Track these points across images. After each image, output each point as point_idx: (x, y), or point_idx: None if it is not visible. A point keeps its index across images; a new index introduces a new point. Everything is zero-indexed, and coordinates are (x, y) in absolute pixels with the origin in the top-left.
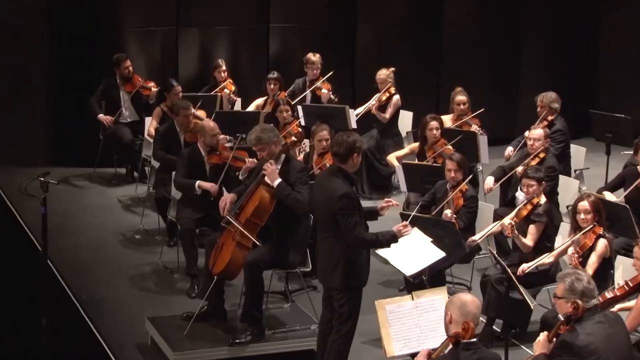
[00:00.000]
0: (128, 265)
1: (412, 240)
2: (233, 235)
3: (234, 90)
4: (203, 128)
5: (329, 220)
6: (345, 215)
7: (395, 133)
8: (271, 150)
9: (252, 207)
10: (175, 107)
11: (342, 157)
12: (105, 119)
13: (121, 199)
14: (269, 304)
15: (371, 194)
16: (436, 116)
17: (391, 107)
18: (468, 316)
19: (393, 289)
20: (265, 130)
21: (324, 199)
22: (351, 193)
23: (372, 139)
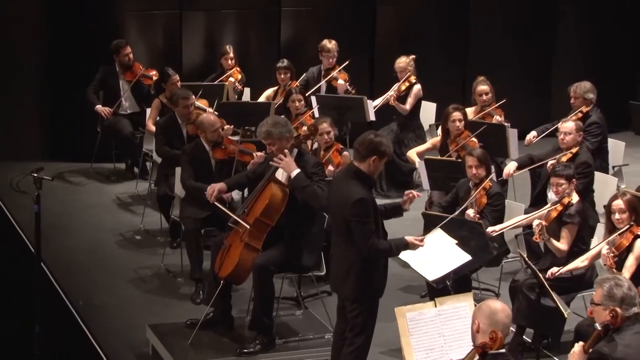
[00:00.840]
0: (128, 268)
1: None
2: (241, 236)
3: (240, 79)
4: (202, 123)
5: (342, 224)
6: (359, 223)
7: (417, 126)
8: (282, 145)
9: (262, 206)
10: (174, 97)
11: (361, 156)
12: (103, 111)
13: (120, 196)
14: (280, 311)
15: (390, 191)
16: (459, 107)
17: (411, 98)
18: (497, 325)
19: (414, 295)
20: (277, 124)
21: (338, 202)
22: (366, 199)
23: (392, 132)
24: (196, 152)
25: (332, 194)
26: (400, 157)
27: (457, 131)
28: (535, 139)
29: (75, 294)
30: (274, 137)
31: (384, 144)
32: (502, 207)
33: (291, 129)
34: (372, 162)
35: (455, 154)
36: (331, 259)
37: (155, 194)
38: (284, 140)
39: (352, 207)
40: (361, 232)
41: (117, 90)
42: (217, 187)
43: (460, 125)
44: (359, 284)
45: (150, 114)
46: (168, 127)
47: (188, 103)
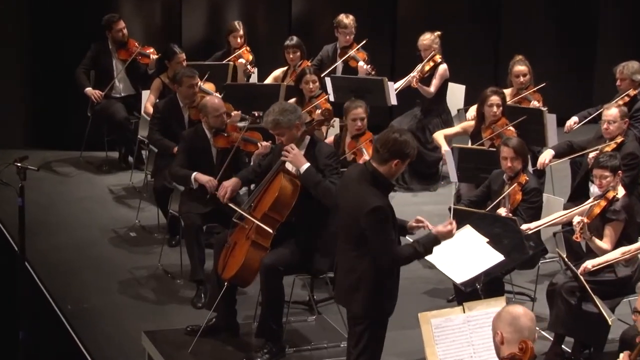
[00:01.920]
0: (121, 268)
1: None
2: (247, 233)
3: (251, 60)
4: (205, 106)
5: (352, 231)
6: (377, 233)
7: (443, 110)
8: (291, 135)
9: (271, 199)
10: (178, 76)
11: (382, 158)
12: (93, 94)
13: (113, 188)
14: (290, 316)
15: (412, 183)
16: (498, 90)
17: (436, 79)
18: (523, 332)
19: (440, 299)
20: (285, 111)
21: (349, 207)
22: (384, 207)
23: (415, 118)
24: (195, 139)
25: (343, 195)
26: (425, 146)
27: (493, 117)
28: (576, 126)
29: (63, 298)
30: (283, 126)
31: (410, 145)
32: (539, 204)
33: (301, 114)
34: (395, 165)
35: (489, 142)
36: (336, 268)
37: (152, 186)
38: (294, 129)
39: (368, 217)
40: (380, 243)
41: (110, 70)
42: (230, 186)
43: (498, 112)
44: (369, 300)
45: (150, 95)
46: (167, 110)
47: (193, 82)
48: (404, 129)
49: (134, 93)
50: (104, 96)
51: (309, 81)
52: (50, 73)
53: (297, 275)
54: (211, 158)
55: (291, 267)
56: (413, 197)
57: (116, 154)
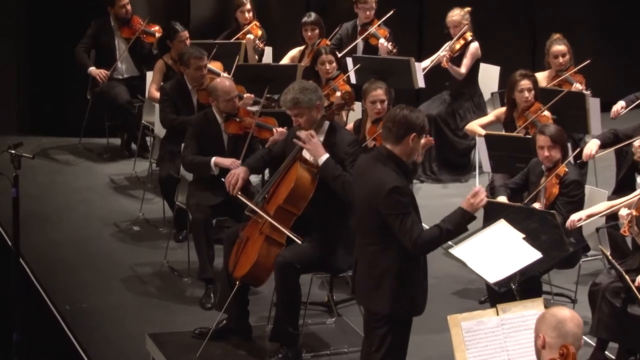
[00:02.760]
0: (123, 265)
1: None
2: (261, 228)
3: (260, 36)
4: (215, 89)
5: (371, 222)
6: (398, 216)
7: (474, 93)
8: (311, 117)
9: (287, 191)
10: (184, 57)
11: (396, 136)
12: (98, 74)
13: (115, 178)
14: (308, 318)
15: (441, 174)
16: (528, 73)
17: (467, 59)
18: (567, 338)
19: (472, 300)
20: (306, 90)
21: (365, 194)
22: (404, 187)
23: (444, 102)
24: (205, 125)
25: (356, 186)
26: (454, 133)
27: (525, 103)
28: (623, 111)
29: (60, 297)
30: (303, 106)
31: (422, 118)
32: (580, 198)
33: (322, 95)
34: (412, 141)
35: (524, 131)
36: (355, 265)
37: (157, 176)
38: (314, 110)
39: (388, 198)
40: (403, 226)
41: (112, 49)
42: (240, 174)
43: (530, 96)
44: (394, 297)
45: (153, 78)
46: (175, 93)
47: (202, 64)
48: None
49: (138, 74)
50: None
51: (325, 61)
52: (46, 53)
53: (315, 274)
54: (222, 145)
55: (309, 265)
56: (442, 188)
57: (118, 141)
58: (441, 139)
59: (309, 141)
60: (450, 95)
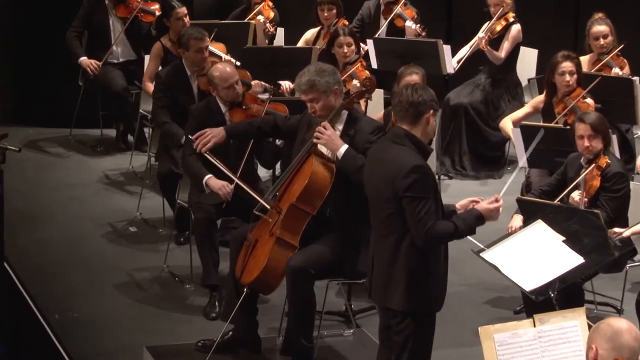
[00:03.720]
0: (119, 270)
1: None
2: (271, 229)
3: (272, 18)
4: (211, 77)
5: (388, 208)
6: (414, 200)
7: (512, 81)
8: (328, 103)
9: (300, 187)
10: (183, 38)
11: (412, 115)
12: (89, 65)
13: (110, 173)
14: (323, 330)
15: (473, 169)
16: (571, 54)
17: (508, 42)
18: (622, 351)
19: (506, 310)
20: (323, 72)
21: (381, 176)
22: (426, 167)
23: (478, 88)
24: (208, 114)
25: (370, 170)
26: (487, 123)
27: (566, 88)
28: None
29: (49, 305)
30: (319, 90)
31: (432, 93)
32: (625, 193)
33: (341, 80)
34: (428, 119)
35: (564, 119)
36: (372, 261)
37: (156, 171)
38: (332, 95)
39: (407, 177)
40: (417, 213)
41: (106, 30)
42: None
43: (572, 80)
44: (412, 292)
45: (149, 64)
46: (172, 81)
47: (202, 45)
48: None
49: (135, 58)
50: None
51: (343, 44)
52: (33, 35)
53: (332, 280)
54: None
55: (324, 270)
56: (473, 185)
57: (113, 132)
58: (473, 130)
59: (323, 135)
60: (485, 82)
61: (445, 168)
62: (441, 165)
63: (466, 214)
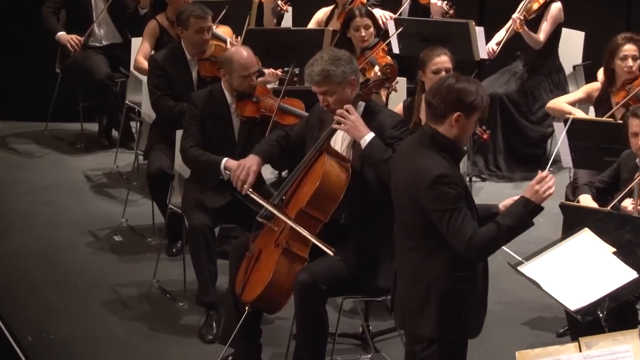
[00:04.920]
0: (102, 285)
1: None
2: (277, 238)
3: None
4: (229, 61)
5: (414, 220)
6: (445, 213)
7: (553, 67)
8: (343, 96)
9: (310, 191)
10: (183, 16)
11: (438, 113)
12: (69, 40)
13: (91, 174)
14: (337, 354)
15: (510, 170)
16: (634, 36)
17: (547, 23)
18: None
19: (547, 332)
20: (338, 60)
21: (405, 184)
22: (452, 175)
23: (514, 77)
24: (211, 104)
25: (396, 174)
26: (527, 117)
27: (628, 75)
28: None
29: (21, 325)
30: (334, 82)
31: (473, 92)
32: None
33: (358, 68)
34: (455, 121)
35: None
36: (395, 277)
37: (145, 172)
38: (348, 86)
39: (430, 190)
40: (452, 225)
41: (87, 9)
42: (251, 166)
43: (635, 66)
44: (442, 316)
45: (142, 42)
46: (169, 65)
47: (204, 25)
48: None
49: (120, 42)
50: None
51: (360, 27)
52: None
53: (347, 297)
54: (231, 132)
55: (338, 285)
56: (511, 188)
57: (95, 126)
58: (509, 125)
59: (346, 120)
60: (522, 69)
61: (478, 168)
62: (473, 165)
63: (510, 207)
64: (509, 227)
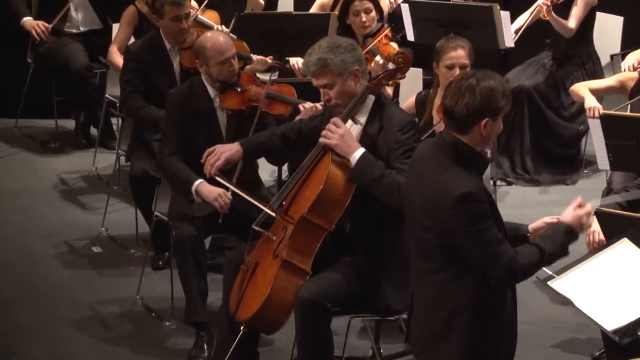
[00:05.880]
0: (79, 302)
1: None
2: (276, 249)
3: None
4: (202, 47)
5: (434, 240)
6: (472, 234)
7: (587, 56)
8: (346, 89)
9: (313, 196)
10: (156, 3)
11: (464, 125)
12: (35, 27)
13: (66, 177)
14: None
15: (539, 172)
16: None
17: (579, 8)
18: None
19: (581, 355)
20: (338, 48)
21: (423, 200)
22: (477, 192)
23: (542, 68)
24: (191, 100)
25: (412, 188)
26: (558, 112)
27: None
28: None
29: None
30: (333, 72)
31: (499, 90)
32: None
33: (363, 57)
34: (484, 127)
35: None
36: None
37: (128, 175)
38: (350, 78)
39: (454, 210)
40: (483, 247)
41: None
42: (225, 153)
43: None
44: (469, 346)
45: (119, 31)
46: (146, 57)
47: (180, 12)
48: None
49: (100, 27)
50: (51, 30)
51: (360, 11)
52: None
53: (355, 316)
54: (217, 129)
55: (345, 302)
56: (540, 194)
57: (72, 123)
58: (538, 121)
59: (333, 134)
60: (553, 59)
61: (503, 171)
62: (497, 167)
63: (551, 232)
64: (551, 254)
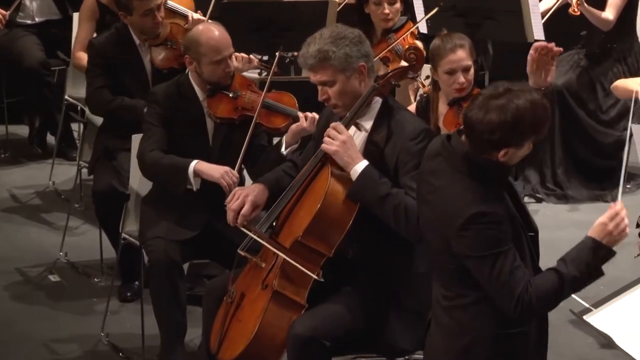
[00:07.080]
0: (34, 340)
1: None
2: (265, 278)
3: None
4: (196, 42)
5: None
6: (485, 259)
7: (629, 50)
8: (348, 88)
9: (309, 215)
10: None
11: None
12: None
13: (18, 193)
14: None
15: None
16: None
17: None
18: None
19: None
20: (342, 39)
21: (435, 219)
22: (492, 212)
23: (575, 65)
24: (177, 103)
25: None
26: (595, 116)
27: None
28: None
29: None
30: (334, 67)
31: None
32: None
33: (370, 52)
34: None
35: None
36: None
37: (91, 190)
38: (354, 75)
39: (463, 231)
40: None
41: None
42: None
43: None
44: None
45: (79, 28)
46: (113, 53)
47: (151, 5)
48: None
49: (59, 18)
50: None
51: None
52: None
53: (357, 357)
54: (204, 137)
55: (346, 341)
56: (573, 212)
57: (25, 130)
58: (572, 127)
59: (333, 141)
60: (587, 55)
61: (531, 186)
62: (525, 182)
63: (574, 251)
64: (575, 279)
